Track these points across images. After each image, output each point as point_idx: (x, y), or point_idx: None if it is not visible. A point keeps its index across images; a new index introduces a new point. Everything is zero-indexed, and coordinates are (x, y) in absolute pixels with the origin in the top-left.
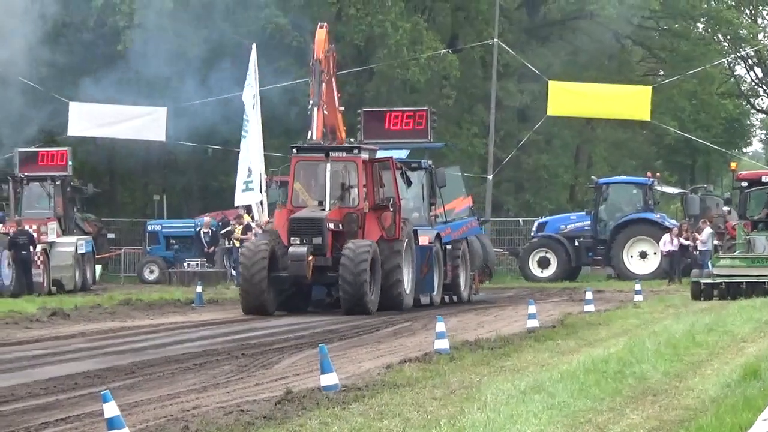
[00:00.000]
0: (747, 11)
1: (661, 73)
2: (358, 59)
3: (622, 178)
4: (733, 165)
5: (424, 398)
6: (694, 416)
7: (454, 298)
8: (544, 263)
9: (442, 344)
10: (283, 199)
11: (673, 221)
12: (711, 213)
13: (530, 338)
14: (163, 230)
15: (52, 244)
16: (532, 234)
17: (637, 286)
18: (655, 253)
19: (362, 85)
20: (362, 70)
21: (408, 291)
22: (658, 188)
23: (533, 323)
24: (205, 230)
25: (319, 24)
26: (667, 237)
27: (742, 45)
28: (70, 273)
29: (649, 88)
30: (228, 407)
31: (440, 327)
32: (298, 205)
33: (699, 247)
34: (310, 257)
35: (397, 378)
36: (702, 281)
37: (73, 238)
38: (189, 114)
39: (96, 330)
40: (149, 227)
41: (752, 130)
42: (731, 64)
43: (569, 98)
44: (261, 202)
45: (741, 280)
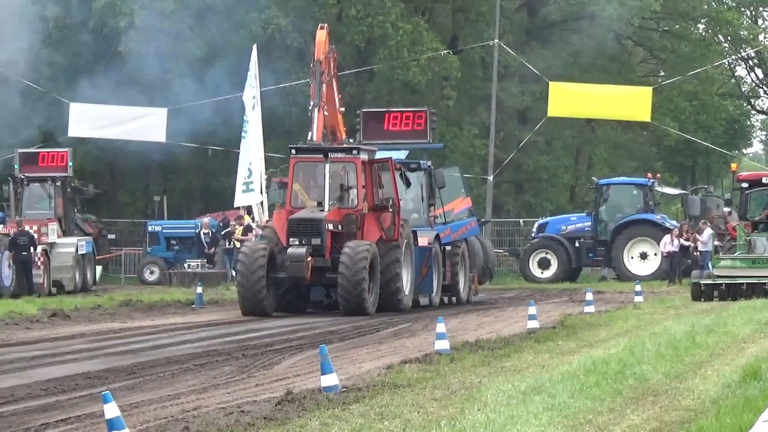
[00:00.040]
0: (747, 12)
1: (662, 74)
2: (359, 60)
3: (623, 179)
4: (733, 166)
5: (424, 399)
6: (695, 417)
7: (453, 299)
8: (544, 264)
9: (443, 345)
10: (282, 200)
11: (674, 222)
12: (711, 214)
13: (530, 339)
14: (164, 231)
15: (52, 244)
16: (533, 235)
17: (638, 287)
18: (655, 254)
19: (363, 86)
20: (363, 71)
21: (407, 292)
22: (659, 189)
23: (533, 324)
24: (204, 231)
25: (320, 25)
26: (667, 238)
27: (743, 46)
28: (71, 274)
29: (650, 89)
30: (228, 408)
31: (441, 328)
32: (297, 205)
33: (699, 248)
34: (309, 258)
35: (398, 379)
36: (702, 282)
37: (73, 239)
38: (189, 115)
39: (96, 331)
40: (150, 228)
41: (753, 131)
42: (732, 65)
43: (570, 99)
44: (261, 202)
45: (741, 281)
